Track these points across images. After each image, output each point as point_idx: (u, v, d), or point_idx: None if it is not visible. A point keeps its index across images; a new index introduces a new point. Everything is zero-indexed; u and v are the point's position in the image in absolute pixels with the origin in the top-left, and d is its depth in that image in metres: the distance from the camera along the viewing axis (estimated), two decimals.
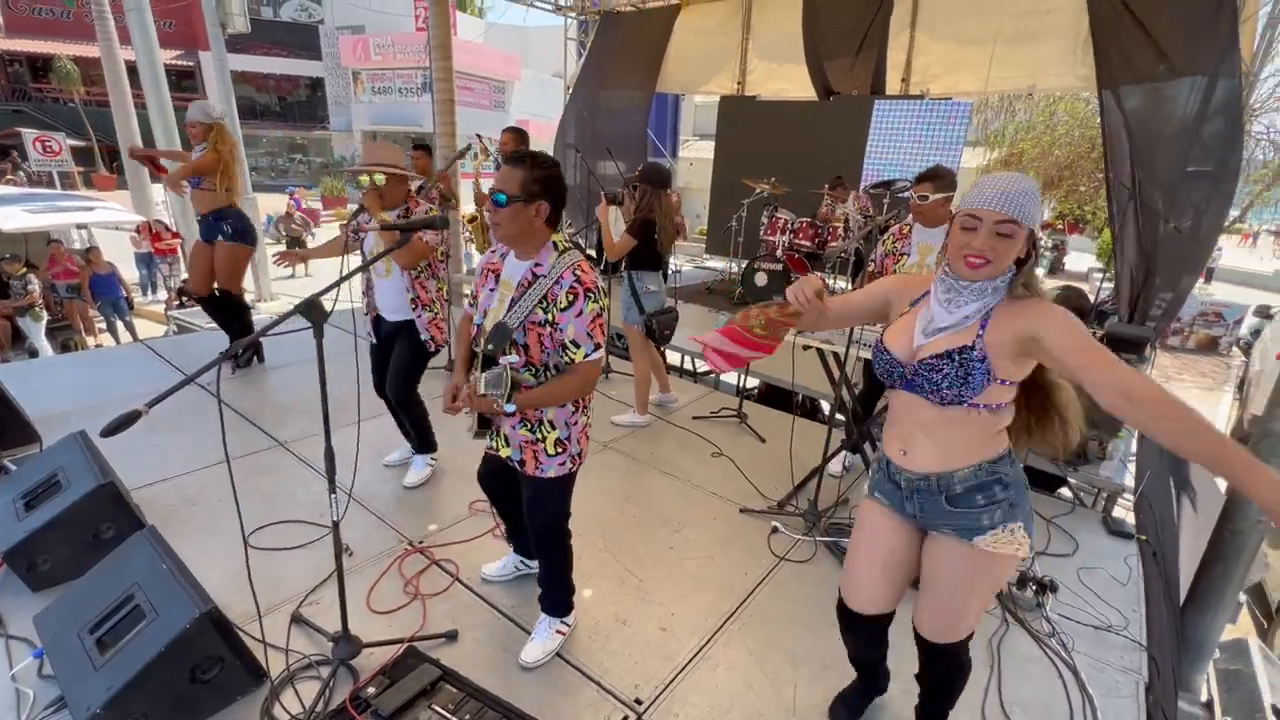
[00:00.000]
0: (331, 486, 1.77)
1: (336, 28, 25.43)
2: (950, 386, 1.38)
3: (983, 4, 5.92)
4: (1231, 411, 9.15)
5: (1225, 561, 3.10)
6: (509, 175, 1.71)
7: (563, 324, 1.73)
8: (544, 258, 1.79)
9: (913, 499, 1.55)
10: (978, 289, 1.38)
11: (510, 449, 1.95)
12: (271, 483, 3.02)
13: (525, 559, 2.46)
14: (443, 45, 7.25)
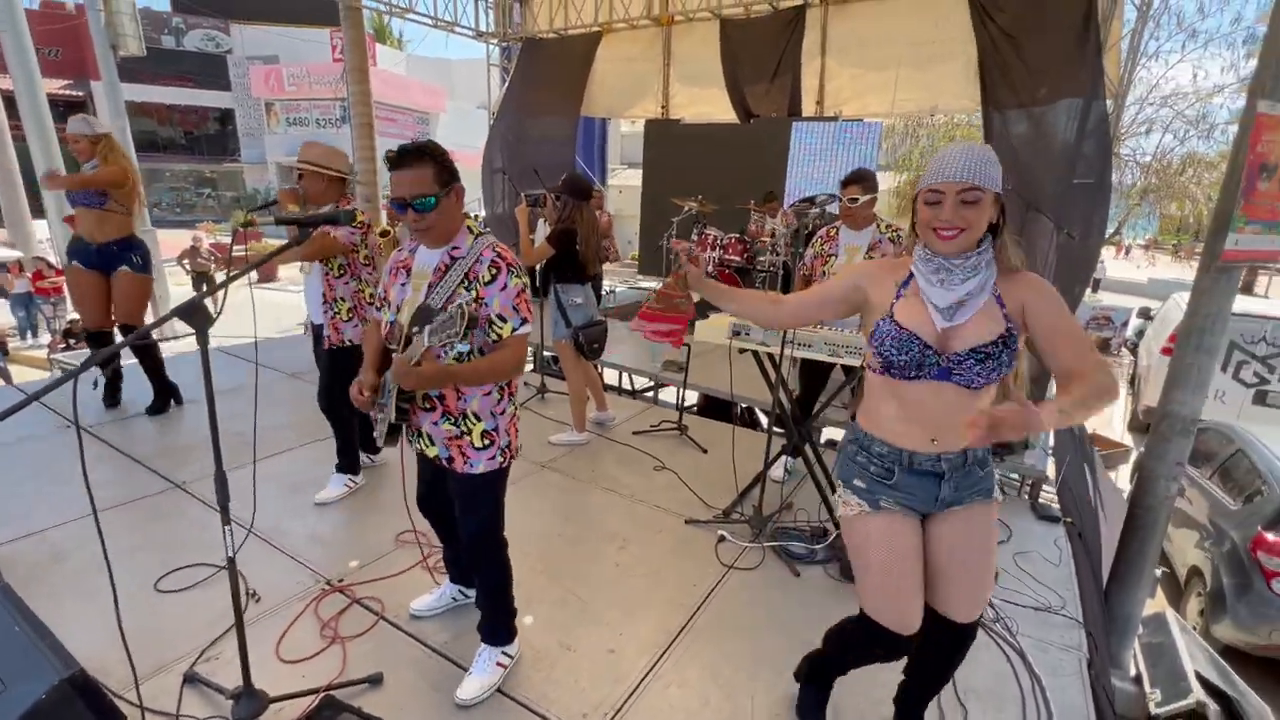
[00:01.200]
0: (225, 516, 1.55)
1: (247, 58, 24.47)
2: (994, 372, 1.38)
3: (883, 33, 6.30)
4: (1126, 405, 9.94)
5: (1141, 538, 3.27)
6: (419, 176, 1.63)
7: (487, 298, 1.68)
8: (460, 241, 1.75)
9: (950, 480, 1.47)
10: (970, 265, 1.38)
11: (436, 447, 1.83)
12: (167, 528, 2.69)
13: (464, 588, 2.27)
14: (359, 69, 7.05)
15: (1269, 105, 2.79)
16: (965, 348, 1.38)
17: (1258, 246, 3.00)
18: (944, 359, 1.39)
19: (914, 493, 1.50)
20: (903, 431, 1.48)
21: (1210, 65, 42.54)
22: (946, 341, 1.40)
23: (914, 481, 1.49)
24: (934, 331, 1.41)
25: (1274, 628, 3.94)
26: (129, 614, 2.02)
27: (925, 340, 1.41)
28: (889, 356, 1.44)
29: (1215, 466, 5.06)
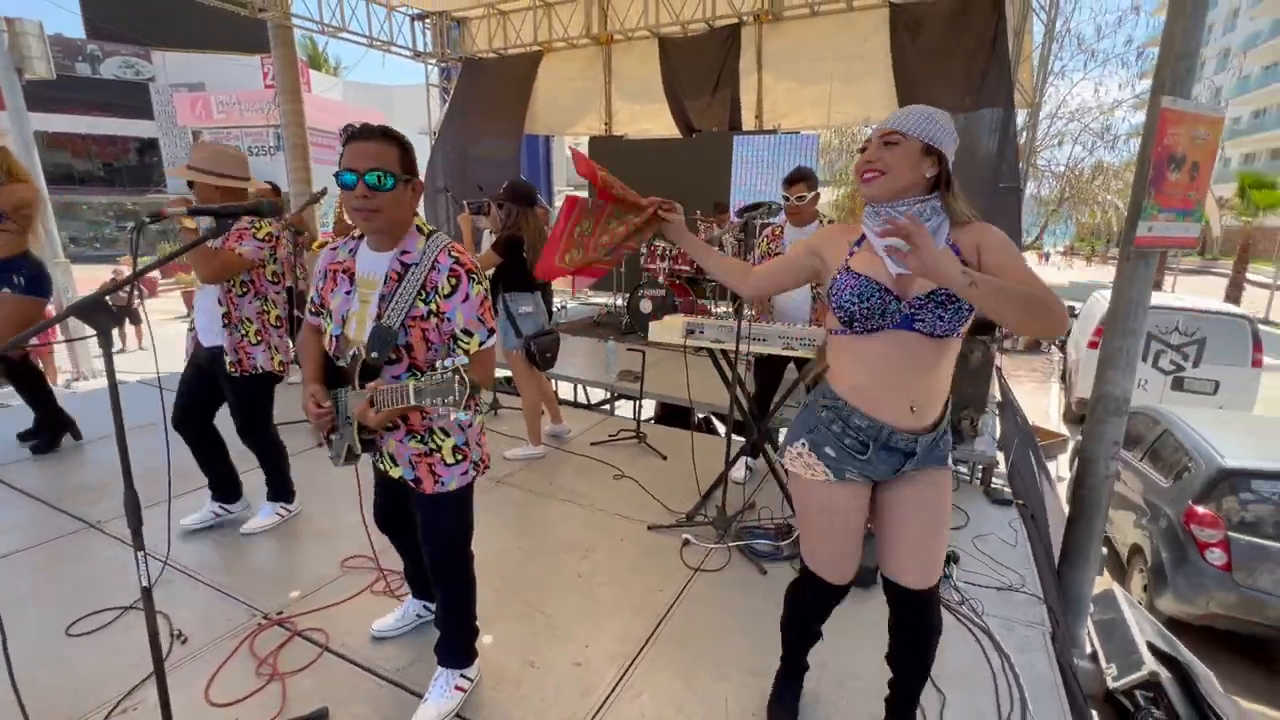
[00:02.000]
0: (138, 542, 1.39)
1: (171, 85, 23.50)
2: (956, 317, 1.37)
3: (814, 50, 6.56)
4: (1060, 399, 10.47)
5: (1087, 518, 3.39)
6: (383, 152, 1.47)
7: (449, 312, 1.53)
8: (411, 244, 1.57)
9: (915, 454, 1.47)
10: (915, 211, 1.38)
11: (400, 468, 1.67)
12: (81, 571, 2.44)
13: (429, 603, 2.13)
14: (290, 89, 6.85)
15: (1171, 100, 3.00)
16: (925, 290, 1.38)
17: (1170, 234, 3.19)
18: (905, 304, 1.39)
19: (880, 466, 1.49)
20: (884, 400, 1.44)
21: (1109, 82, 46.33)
22: (906, 286, 1.40)
23: (884, 455, 1.48)
24: (891, 278, 1.41)
25: (1210, 597, 4.14)
26: (37, 664, 1.82)
27: (884, 285, 1.41)
28: (849, 307, 1.43)
29: (1145, 449, 5.34)
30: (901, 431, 1.44)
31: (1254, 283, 20.09)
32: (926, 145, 1.37)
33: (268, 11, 6.27)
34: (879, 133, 1.40)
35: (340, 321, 1.63)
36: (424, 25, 8.17)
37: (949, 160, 1.40)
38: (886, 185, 1.39)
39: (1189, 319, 7.73)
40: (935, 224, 1.40)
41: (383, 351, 1.52)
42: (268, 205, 1.45)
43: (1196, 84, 3.18)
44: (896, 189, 1.39)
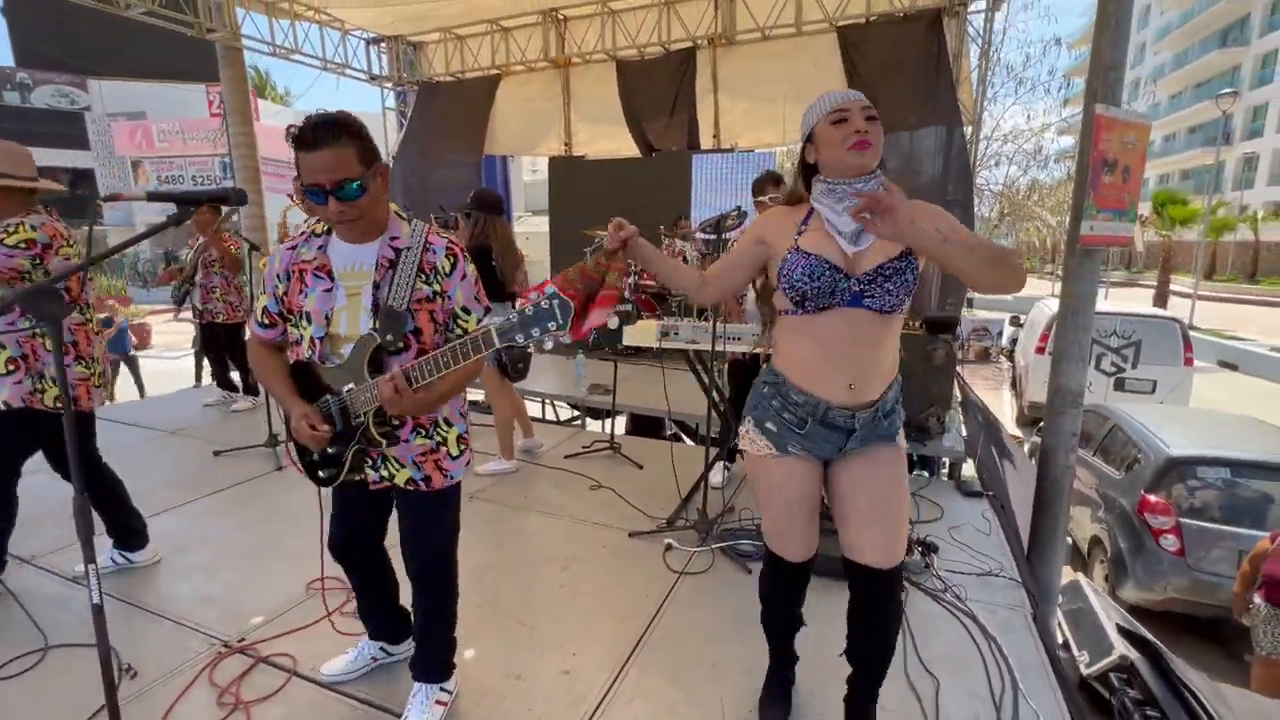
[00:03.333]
0: (88, 554, 1.28)
1: (109, 114, 22.65)
2: (903, 290, 1.40)
3: (768, 72, 6.80)
4: (1012, 404, 10.88)
5: (1051, 509, 3.48)
6: (340, 159, 1.35)
7: (450, 290, 1.51)
8: (396, 229, 1.50)
9: (858, 432, 1.48)
10: (872, 188, 1.40)
11: (407, 469, 1.59)
12: (11, 609, 2.22)
13: (387, 644, 1.93)
14: (240, 111, 6.68)
15: (1104, 108, 3.20)
16: (872, 266, 1.42)
17: (1109, 232, 3.38)
18: (854, 281, 1.42)
19: (821, 442, 1.52)
20: (822, 376, 1.46)
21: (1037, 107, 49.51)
22: (855, 264, 1.44)
23: (824, 432, 1.50)
24: (842, 257, 1.44)
25: (1168, 583, 4.30)
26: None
27: (834, 263, 1.43)
28: (800, 286, 1.43)
29: (1096, 444, 5.57)
30: (838, 408, 1.46)
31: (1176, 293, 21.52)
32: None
33: (216, 32, 6.13)
34: (858, 104, 1.43)
35: (324, 321, 1.51)
36: (379, 49, 8.13)
37: None
38: (875, 155, 1.43)
39: (1125, 323, 8.18)
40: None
41: (397, 333, 1.46)
42: (236, 193, 1.39)
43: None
44: (876, 161, 1.44)
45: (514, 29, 7.54)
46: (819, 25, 6.25)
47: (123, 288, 18.56)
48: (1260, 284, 24.72)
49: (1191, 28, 32.77)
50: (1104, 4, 3.12)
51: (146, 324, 14.08)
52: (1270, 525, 4.14)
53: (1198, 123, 32.45)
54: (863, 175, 1.43)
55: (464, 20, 7.40)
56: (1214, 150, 23.98)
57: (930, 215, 1.42)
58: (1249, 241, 26.01)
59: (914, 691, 1.84)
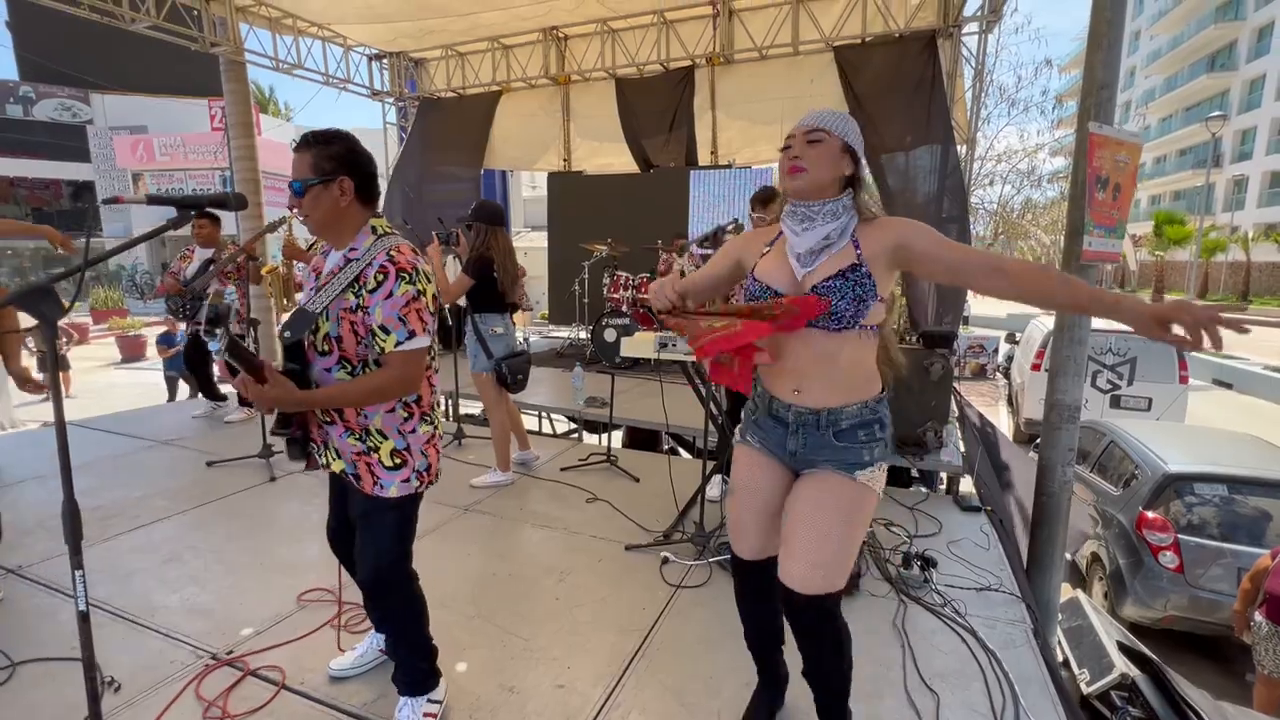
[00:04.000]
0: (75, 560, 1.26)
1: (111, 128, 22.79)
2: (848, 304, 1.39)
3: (765, 90, 6.89)
4: (1009, 422, 10.88)
5: (1049, 524, 3.46)
6: (297, 161, 1.57)
7: (370, 306, 1.52)
8: (359, 241, 1.60)
9: (798, 434, 1.50)
10: (829, 210, 1.44)
11: (343, 461, 1.66)
12: None
13: None
14: (243, 123, 6.73)
15: (1097, 126, 3.24)
16: (811, 285, 1.43)
17: (1103, 248, 3.41)
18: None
19: (769, 435, 1.56)
20: (775, 377, 1.53)
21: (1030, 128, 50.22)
22: (803, 285, 1.46)
23: (770, 424, 1.56)
24: (791, 280, 1.47)
25: (1167, 600, 4.27)
26: None
27: (776, 289, 1.47)
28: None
29: (1094, 461, 5.56)
30: (782, 403, 1.51)
31: None
32: (845, 144, 1.45)
33: (220, 46, 6.19)
34: (802, 130, 1.45)
35: None
36: (382, 64, 8.22)
37: (861, 162, 1.49)
38: (810, 181, 1.44)
39: (1120, 340, 8.22)
40: (845, 221, 1.45)
41: (295, 331, 1.52)
42: (235, 197, 1.39)
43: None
44: (818, 185, 1.44)
45: (515, 46, 7.64)
46: (816, 45, 6.34)
47: (120, 299, 18.53)
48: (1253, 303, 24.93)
49: (1180, 53, 33.40)
50: (1096, 24, 3.17)
51: (142, 336, 14.03)
52: (1269, 542, 4.12)
53: (1188, 145, 32.93)
54: (809, 199, 1.45)
55: (466, 38, 7.50)
56: (1204, 172, 24.31)
57: (919, 237, 1.41)
58: (1241, 262, 26.27)
59: (914, 707, 1.81)
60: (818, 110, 1.48)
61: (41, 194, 24.12)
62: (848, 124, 1.46)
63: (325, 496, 3.23)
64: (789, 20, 6.34)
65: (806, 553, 1.43)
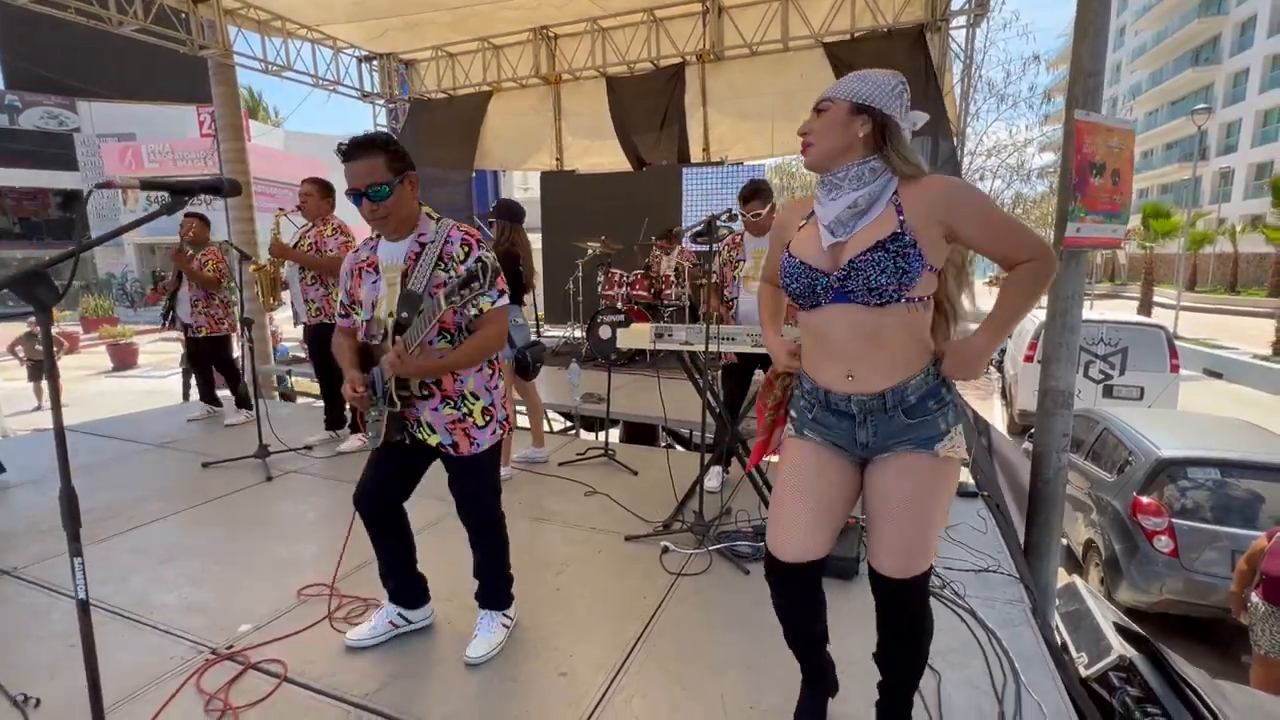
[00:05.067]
0: (74, 547, 1.25)
1: (99, 136, 22.63)
2: (889, 279, 1.31)
3: (756, 86, 6.92)
4: (1003, 414, 10.94)
5: (1045, 510, 3.48)
6: (371, 167, 1.67)
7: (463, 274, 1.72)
8: (424, 227, 1.80)
9: (866, 424, 1.40)
10: (854, 175, 1.36)
11: (438, 434, 1.84)
12: None
13: (404, 609, 2.05)
14: (233, 126, 6.70)
15: (1084, 113, 3.27)
16: (848, 259, 1.36)
17: (1097, 234, 3.43)
18: (834, 278, 1.37)
19: (832, 429, 1.46)
20: (821, 367, 1.45)
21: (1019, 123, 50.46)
22: (836, 258, 1.38)
23: (833, 420, 1.45)
24: (821, 252, 1.40)
25: (1162, 583, 4.30)
26: None
27: (810, 264, 1.41)
28: (788, 287, 1.46)
29: (1088, 448, 5.60)
30: (839, 394, 1.42)
31: (1159, 304, 21.84)
32: (855, 105, 1.36)
33: (209, 49, 6.17)
34: (816, 104, 1.42)
35: (370, 307, 1.85)
36: (371, 67, 8.20)
37: (890, 115, 1.36)
38: (816, 154, 1.40)
39: (1112, 330, 8.29)
40: (878, 186, 1.36)
41: (412, 312, 1.71)
42: (228, 183, 1.39)
43: None
44: (827, 153, 1.39)
45: (505, 46, 7.64)
46: (805, 41, 6.38)
47: (110, 308, 18.40)
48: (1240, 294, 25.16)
49: (1165, 47, 33.73)
50: (1083, 13, 3.20)
51: (134, 344, 13.92)
52: (1262, 524, 4.16)
53: (1174, 139, 33.25)
54: (828, 170, 1.40)
55: (456, 38, 7.50)
56: (1190, 165, 24.56)
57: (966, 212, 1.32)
58: (1228, 253, 26.52)
59: None
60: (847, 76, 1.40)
61: (28, 204, 23.89)
62: (861, 81, 1.36)
63: (321, 495, 3.22)
64: (778, 17, 6.37)
65: (898, 540, 1.41)
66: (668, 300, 6.19)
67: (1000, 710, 1.72)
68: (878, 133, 1.36)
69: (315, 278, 3.78)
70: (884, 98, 1.36)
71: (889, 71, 1.39)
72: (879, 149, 1.37)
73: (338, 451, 3.94)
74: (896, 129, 1.37)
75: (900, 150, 1.36)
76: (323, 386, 4.28)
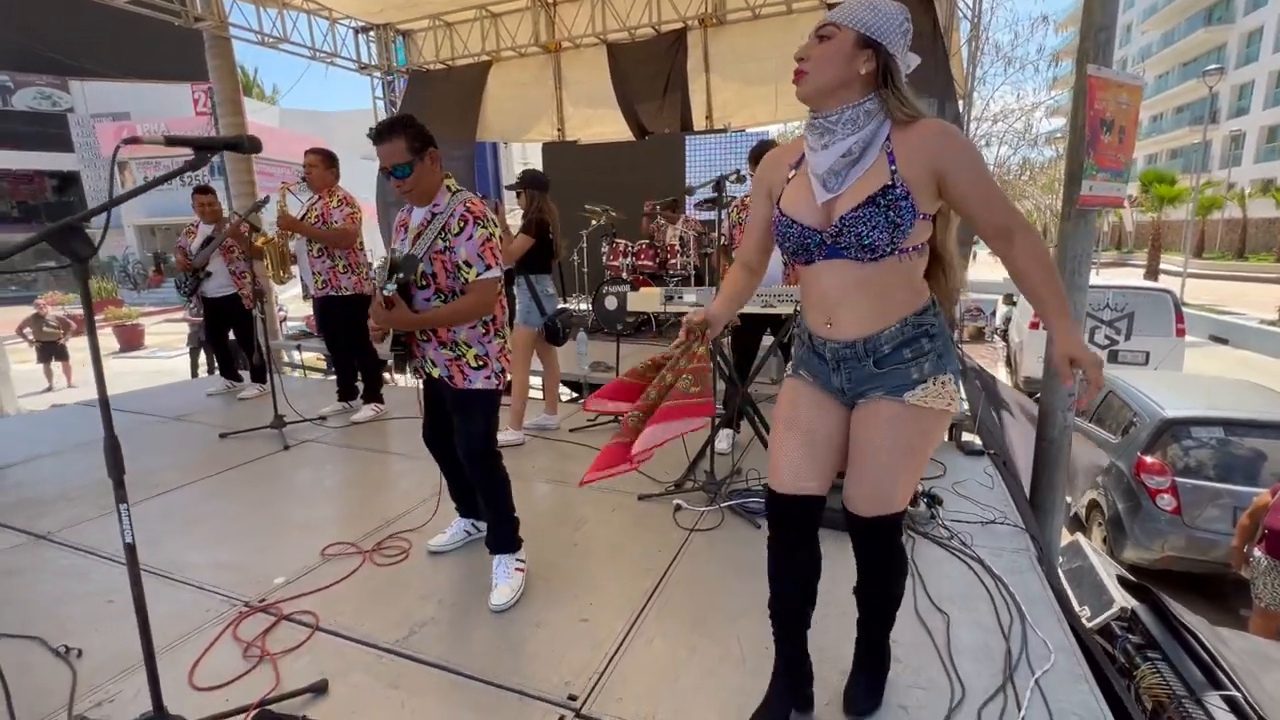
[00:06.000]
0: (120, 494, 1.30)
1: (92, 115, 22.38)
2: (881, 233, 1.27)
3: (759, 49, 6.80)
4: (1007, 381, 10.98)
5: (1050, 468, 3.54)
6: (394, 149, 1.90)
7: (456, 246, 1.96)
8: (441, 199, 2.02)
9: (839, 370, 1.42)
10: (849, 119, 1.29)
11: (438, 368, 2.11)
12: (19, 585, 2.23)
13: (476, 520, 2.44)
14: (231, 100, 6.63)
15: (1095, 68, 3.23)
16: (838, 215, 1.32)
17: (1106, 193, 3.42)
18: (826, 235, 1.34)
19: (817, 371, 1.48)
20: (810, 311, 1.47)
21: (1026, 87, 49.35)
22: (829, 213, 1.34)
23: (816, 363, 1.48)
24: (814, 208, 1.36)
25: (1165, 541, 4.37)
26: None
27: (803, 223, 1.37)
28: (782, 245, 1.44)
29: (1092, 412, 5.64)
30: (819, 339, 1.45)
31: (1166, 271, 21.68)
32: (862, 37, 1.26)
33: (204, 21, 6.08)
34: (816, 27, 1.30)
35: None
36: (368, 38, 8.07)
37: (894, 54, 1.28)
38: (810, 86, 1.30)
39: (1118, 295, 8.26)
40: (871, 129, 1.29)
41: (407, 271, 1.94)
42: (250, 140, 1.41)
43: None
44: (823, 87, 1.29)
45: (503, 14, 7.51)
46: (810, 2, 6.25)
47: (114, 290, 18.41)
48: (1249, 260, 24.95)
49: (1177, 7, 32.86)
50: None
51: (139, 325, 13.98)
52: (1264, 481, 4.21)
53: (1185, 102, 32.59)
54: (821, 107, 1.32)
55: (453, 6, 7.36)
56: (1201, 129, 24.12)
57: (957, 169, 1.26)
58: (1237, 219, 26.23)
59: (925, 626, 1.88)
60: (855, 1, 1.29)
61: (25, 187, 23.74)
62: (871, 12, 1.26)
63: (337, 462, 3.31)
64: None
65: (864, 481, 1.42)
66: (673, 270, 6.18)
67: (1007, 647, 1.78)
68: (880, 71, 1.28)
69: (321, 250, 3.79)
70: (891, 33, 1.27)
71: (897, 5, 1.29)
72: (877, 89, 1.29)
73: (351, 421, 4.00)
74: (898, 70, 1.29)
75: (899, 92, 1.29)
76: (334, 358, 4.32)
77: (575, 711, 1.59)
